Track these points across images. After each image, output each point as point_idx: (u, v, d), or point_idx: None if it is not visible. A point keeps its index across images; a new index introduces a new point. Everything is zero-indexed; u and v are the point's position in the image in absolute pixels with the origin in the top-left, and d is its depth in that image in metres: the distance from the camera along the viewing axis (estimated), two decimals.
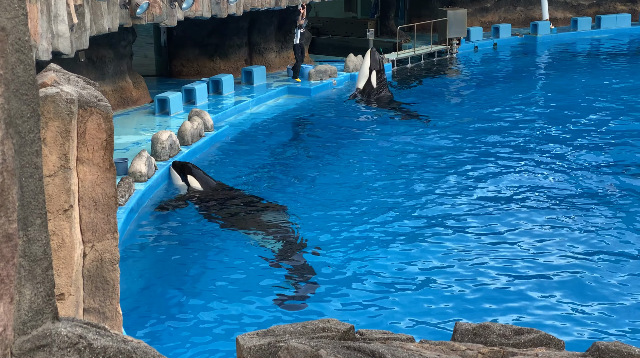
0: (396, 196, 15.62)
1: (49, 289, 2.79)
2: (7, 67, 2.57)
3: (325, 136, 20.47)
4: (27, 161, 2.68)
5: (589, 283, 11.80)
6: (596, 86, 25.94)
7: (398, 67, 28.71)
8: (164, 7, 19.32)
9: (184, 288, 11.75)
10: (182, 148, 17.67)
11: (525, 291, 11.51)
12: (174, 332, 10.45)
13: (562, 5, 36.97)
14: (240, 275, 12.12)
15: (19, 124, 2.63)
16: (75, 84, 5.83)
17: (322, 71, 25.35)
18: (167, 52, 26.04)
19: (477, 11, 35.44)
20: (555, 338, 3.95)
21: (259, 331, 3.74)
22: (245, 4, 22.41)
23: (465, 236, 13.60)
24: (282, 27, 26.65)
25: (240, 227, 13.97)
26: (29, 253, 2.71)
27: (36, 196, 2.73)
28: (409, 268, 12.35)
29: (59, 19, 15.18)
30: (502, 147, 19.05)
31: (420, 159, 18.20)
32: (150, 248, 13.36)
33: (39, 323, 2.76)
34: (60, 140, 5.46)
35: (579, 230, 13.83)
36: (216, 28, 24.87)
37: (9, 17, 2.55)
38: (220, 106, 22.12)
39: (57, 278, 5.47)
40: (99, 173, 5.86)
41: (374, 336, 3.85)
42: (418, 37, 30.27)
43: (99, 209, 5.91)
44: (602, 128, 20.66)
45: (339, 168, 17.66)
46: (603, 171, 17.10)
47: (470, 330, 4.00)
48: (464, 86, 26.87)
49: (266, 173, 17.50)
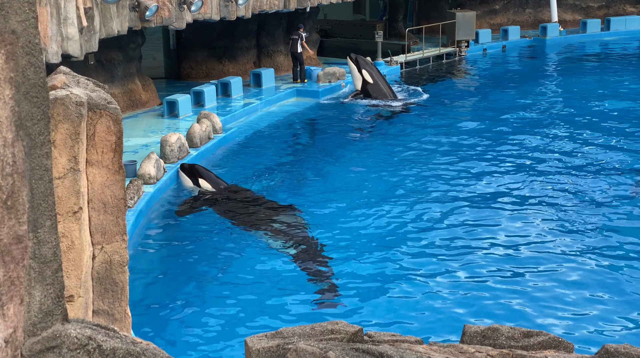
0: (406, 198, 15.60)
1: (59, 291, 2.80)
2: (17, 70, 2.58)
3: (334, 138, 20.48)
4: (37, 163, 2.69)
5: (598, 285, 11.76)
6: (605, 88, 25.87)
7: (407, 69, 28.69)
8: (172, 10, 19.37)
9: (193, 289, 11.76)
10: (191, 150, 17.70)
11: (534, 294, 11.48)
12: (183, 333, 10.46)
13: (571, 7, 36.89)
14: (249, 277, 12.13)
15: (29, 127, 2.64)
16: (84, 87, 5.85)
17: (331, 74, 25.37)
18: (176, 55, 26.11)
19: (485, 13, 35.40)
20: (565, 340, 3.94)
21: (268, 333, 3.74)
22: (254, 7, 22.44)
23: (474, 238, 13.57)
24: (291, 29, 26.67)
25: (255, 228, 14.02)
26: (39, 254, 2.72)
27: (46, 198, 2.74)
28: (417, 270, 12.33)
29: (69, 22, 15.23)
30: (511, 149, 19.01)
31: (429, 161, 18.17)
32: (159, 250, 13.39)
33: (49, 325, 2.77)
34: (70, 142, 5.48)
35: (588, 231, 13.78)
36: (225, 31, 24.92)
37: (20, 20, 2.57)
38: (229, 108, 22.15)
39: (66, 280, 5.48)
40: (108, 175, 5.88)
41: (383, 338, 3.85)
42: (426, 40, 30.26)
43: (108, 211, 5.93)
44: (612, 130, 20.59)
45: (349, 170, 17.65)
46: (613, 172, 17.04)
47: (479, 332, 4.00)
48: (473, 88, 26.83)
49: (275, 175, 17.51)
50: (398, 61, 28.46)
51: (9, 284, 2.59)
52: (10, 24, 2.54)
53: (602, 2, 37.31)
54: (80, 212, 5.59)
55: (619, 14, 36.87)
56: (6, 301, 2.58)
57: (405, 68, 28.68)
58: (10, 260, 2.60)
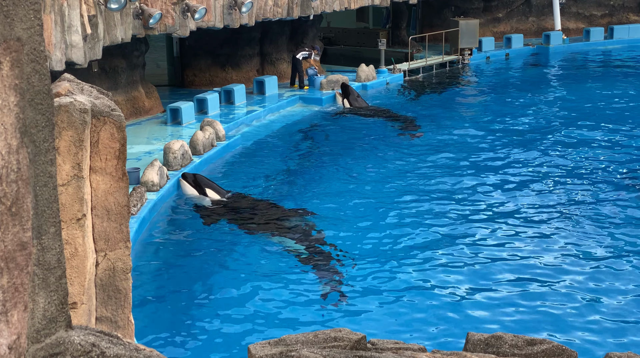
0: (408, 207, 15.60)
1: (63, 297, 2.80)
2: (22, 77, 2.59)
3: (337, 146, 20.49)
4: (41, 170, 2.70)
5: (602, 293, 11.74)
6: (609, 97, 25.86)
7: (410, 77, 28.72)
8: (176, 18, 19.41)
9: (196, 296, 11.76)
10: (194, 158, 17.72)
11: (537, 302, 11.46)
12: (186, 340, 10.45)
13: (574, 15, 36.91)
14: (252, 284, 12.12)
15: (33, 133, 2.65)
16: (88, 94, 5.87)
17: (334, 81, 25.40)
18: (179, 62, 26.16)
19: (489, 21, 35.43)
20: (568, 348, 3.94)
21: (271, 340, 3.74)
22: (258, 14, 22.49)
23: (477, 246, 13.57)
24: (294, 37, 26.73)
25: (273, 232, 14.17)
26: (43, 261, 2.72)
27: (50, 205, 2.75)
28: (420, 278, 12.32)
29: (73, 30, 15.28)
30: (514, 157, 19.01)
31: (433, 169, 18.17)
32: (162, 257, 13.39)
33: (53, 332, 2.77)
34: (74, 149, 5.50)
35: (591, 240, 13.77)
36: (228, 38, 24.97)
37: (25, 28, 2.58)
38: (232, 115, 22.18)
39: (70, 287, 5.49)
40: (111, 182, 5.89)
41: (386, 346, 3.85)
42: (430, 48, 30.28)
43: (112, 218, 5.93)
44: (615, 138, 20.58)
45: (352, 178, 17.66)
46: (615, 181, 17.03)
47: (482, 340, 3.99)
48: (476, 96, 26.84)
49: (278, 182, 17.52)
50: (401, 68, 28.48)
51: (13, 291, 2.60)
52: (15, 31, 2.55)
53: (606, 11, 37.32)
54: (83, 219, 5.60)
55: (622, 23, 36.87)
56: (10, 307, 2.59)
57: (409, 76, 28.70)
58: (15, 266, 2.61)
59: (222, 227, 14.63)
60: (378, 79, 27.18)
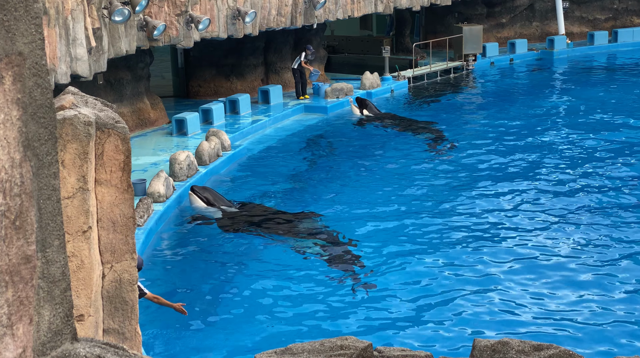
0: (414, 214, 15.58)
1: (68, 310, 2.81)
2: (24, 91, 2.60)
3: (343, 154, 20.49)
4: (45, 183, 2.71)
5: (610, 298, 11.70)
6: (614, 100, 25.82)
7: (414, 84, 28.73)
8: (180, 29, 19.48)
9: (202, 307, 11.76)
10: (200, 168, 17.74)
11: (544, 307, 11.43)
12: (192, 351, 10.45)
13: (578, 19, 36.88)
14: (258, 293, 12.12)
15: (36, 147, 2.66)
16: (93, 107, 5.89)
17: (339, 89, 25.41)
18: (184, 73, 26.22)
19: (492, 27, 35.42)
20: (576, 354, 3.92)
21: (277, 349, 3.74)
22: (261, 24, 22.53)
23: (483, 252, 13.54)
24: (298, 46, 26.76)
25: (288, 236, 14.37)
26: (48, 274, 2.73)
27: (54, 218, 2.76)
28: (427, 285, 12.30)
29: (77, 43, 15.33)
30: (520, 162, 18.99)
31: (440, 175, 18.16)
32: (168, 268, 13.40)
33: (58, 344, 2.78)
34: (79, 162, 5.51)
35: (599, 245, 13.73)
36: (232, 48, 25.02)
37: (26, 42, 2.60)
38: (238, 125, 22.21)
39: (76, 300, 5.50)
40: (117, 194, 5.90)
41: (393, 353, 3.84)
42: (434, 54, 30.28)
43: (118, 230, 5.95)
44: (620, 142, 20.54)
45: (358, 186, 17.65)
46: (621, 184, 16.99)
47: (489, 346, 3.98)
48: (481, 102, 26.83)
49: (284, 191, 17.53)
50: (406, 75, 28.49)
51: (18, 304, 2.61)
52: (17, 46, 2.57)
53: (609, 14, 37.28)
54: (89, 231, 5.61)
55: (626, 26, 36.81)
56: (15, 321, 2.60)
57: (413, 83, 28.71)
58: (19, 279, 2.62)
59: (231, 238, 14.64)
60: (382, 87, 27.19)
